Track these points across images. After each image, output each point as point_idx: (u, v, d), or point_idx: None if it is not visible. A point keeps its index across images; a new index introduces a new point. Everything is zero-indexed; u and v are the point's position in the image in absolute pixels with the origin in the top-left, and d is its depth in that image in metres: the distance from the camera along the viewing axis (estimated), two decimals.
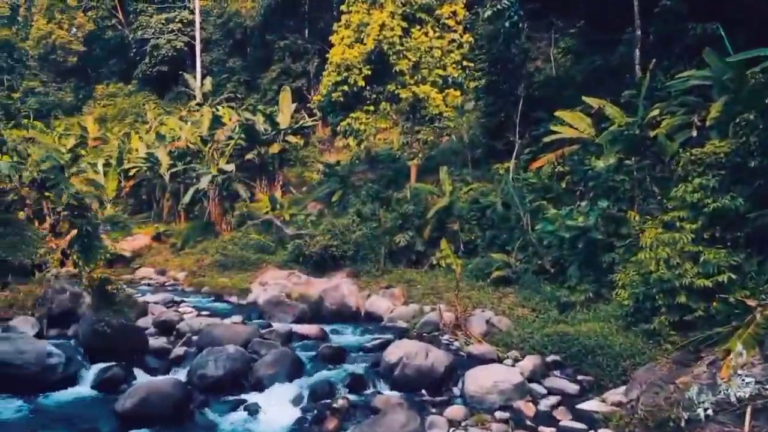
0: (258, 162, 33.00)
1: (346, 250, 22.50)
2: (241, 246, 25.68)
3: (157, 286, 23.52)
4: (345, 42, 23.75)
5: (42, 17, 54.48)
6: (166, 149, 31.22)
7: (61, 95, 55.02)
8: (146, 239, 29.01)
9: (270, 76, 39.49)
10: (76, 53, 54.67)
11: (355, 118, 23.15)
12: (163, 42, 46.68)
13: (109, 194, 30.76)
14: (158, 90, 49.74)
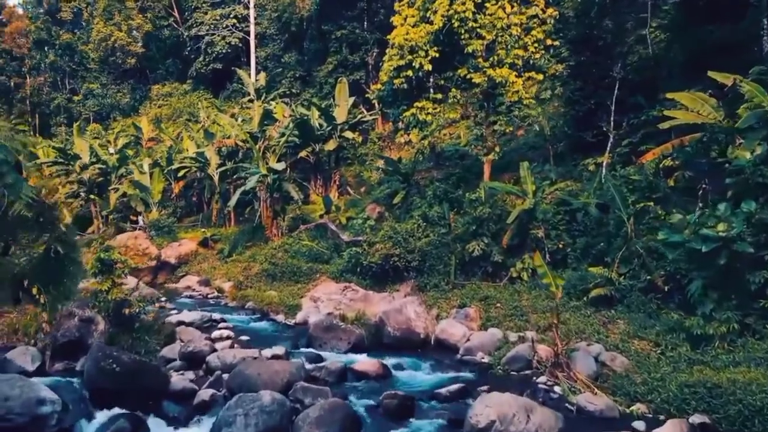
0: (312, 160, 30.42)
1: (410, 260, 19.42)
2: (292, 253, 23.03)
3: (199, 299, 21.17)
4: (408, 22, 20.71)
5: (101, 20, 54.19)
6: (214, 147, 29.07)
7: (119, 96, 54.60)
8: (193, 245, 26.86)
9: (326, 69, 36.96)
10: (135, 54, 54.07)
11: (420, 108, 20.03)
12: (218, 39, 45.13)
13: (155, 197, 28.85)
14: (213, 88, 48.32)
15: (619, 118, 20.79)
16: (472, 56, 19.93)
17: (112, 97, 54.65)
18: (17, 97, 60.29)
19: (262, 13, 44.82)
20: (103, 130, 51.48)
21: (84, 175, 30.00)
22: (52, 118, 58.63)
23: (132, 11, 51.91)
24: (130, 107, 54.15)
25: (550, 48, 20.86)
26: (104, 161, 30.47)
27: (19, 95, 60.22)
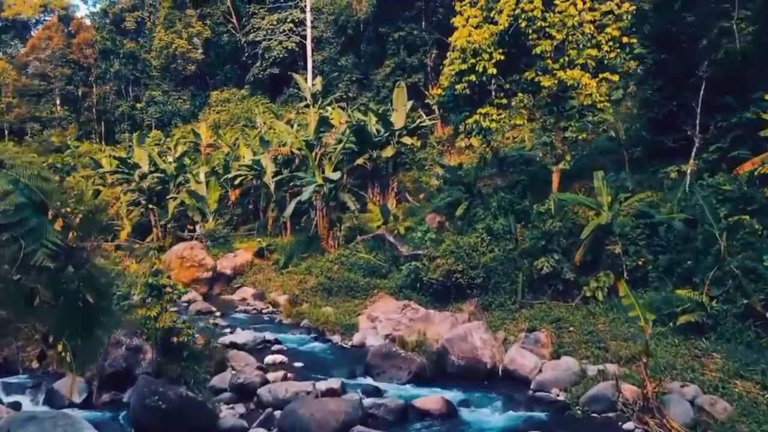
0: (369, 167, 29.64)
1: (474, 277, 18.28)
2: (348, 266, 22.29)
3: (253, 314, 20.72)
4: (471, 23, 19.55)
5: (163, 28, 55.44)
6: (270, 155, 28.74)
7: (179, 103, 55.66)
8: (248, 255, 26.56)
9: (383, 72, 36.16)
10: (195, 61, 55.01)
11: (484, 114, 18.84)
12: (275, 43, 45.18)
13: (210, 206, 28.77)
14: (270, 93, 48.48)
15: (705, 120, 18.97)
16: (540, 57, 18.58)
17: (173, 103, 55.80)
18: (84, 105, 62.56)
19: (319, 16, 44.56)
20: (164, 137, 52.64)
21: (143, 184, 30.31)
22: (117, 125, 60.50)
23: (192, 19, 52.78)
24: (189, 113, 55.12)
25: (626, 46, 19.23)
26: (163, 170, 30.72)
27: (86, 104, 62.46)
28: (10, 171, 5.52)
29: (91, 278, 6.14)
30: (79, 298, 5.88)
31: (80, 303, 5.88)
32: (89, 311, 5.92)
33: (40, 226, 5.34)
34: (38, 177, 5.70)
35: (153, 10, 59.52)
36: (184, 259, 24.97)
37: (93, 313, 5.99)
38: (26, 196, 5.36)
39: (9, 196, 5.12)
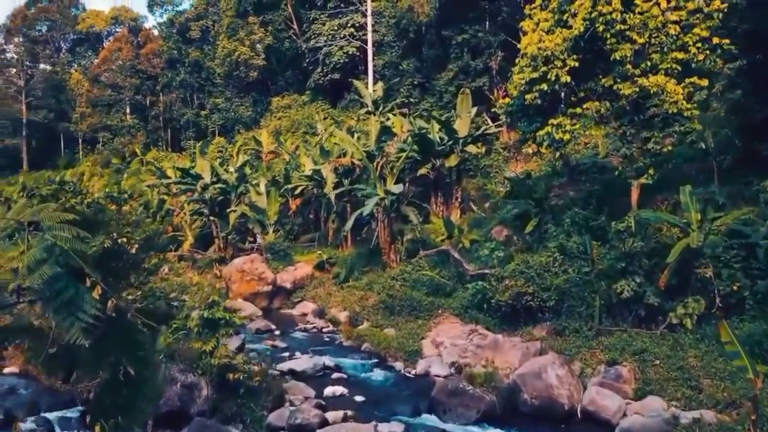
0: (432, 176, 28.85)
1: (546, 300, 17.16)
2: (411, 283, 21.54)
3: (313, 333, 20.31)
4: (542, 27, 18.41)
5: (226, 36, 56.49)
6: (330, 166, 28.40)
7: (242, 110, 56.55)
8: (308, 268, 26.27)
9: (446, 76, 35.24)
10: (257, 68, 55.73)
11: (557, 126, 17.67)
12: (335, 49, 45.03)
13: (271, 218, 28.70)
14: (331, 99, 48.45)
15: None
16: (619, 63, 17.25)
17: (235, 110, 56.79)
18: (152, 113, 64.69)
19: (380, 20, 44.03)
20: (227, 144, 53.61)
21: (205, 195, 30.63)
22: (182, 132, 62.26)
23: (254, 26, 53.45)
24: (251, 120, 55.91)
25: (716, 47, 17.59)
26: (224, 180, 30.96)
27: (154, 112, 64.55)
28: (46, 234, 5.11)
29: (133, 347, 5.67)
30: (119, 370, 5.42)
31: (121, 376, 5.41)
32: (131, 383, 5.45)
33: (76, 297, 4.89)
34: (77, 239, 5.26)
35: (217, 18, 60.76)
36: (245, 272, 24.92)
37: (135, 384, 5.51)
38: (62, 263, 4.91)
39: (42, 267, 4.68)
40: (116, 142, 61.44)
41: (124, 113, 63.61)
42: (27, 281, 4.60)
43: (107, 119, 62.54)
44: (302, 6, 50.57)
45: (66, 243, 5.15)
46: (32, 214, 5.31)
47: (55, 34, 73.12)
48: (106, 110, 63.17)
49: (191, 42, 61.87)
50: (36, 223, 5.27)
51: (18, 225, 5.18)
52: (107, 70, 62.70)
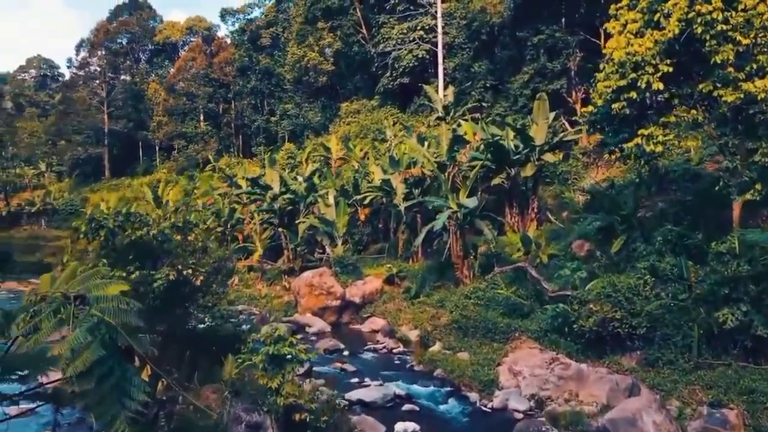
0: (507, 186, 27.74)
1: (636, 326, 15.84)
2: (485, 302, 20.60)
3: (383, 353, 19.75)
4: (630, 29, 17.07)
5: (295, 42, 57.23)
6: (400, 177, 27.82)
7: (311, 115, 57.09)
8: (378, 282, 25.80)
9: (521, 79, 34.01)
10: (326, 73, 56.16)
11: (647, 137, 16.30)
12: (405, 52, 44.54)
13: (339, 230, 28.44)
14: (400, 103, 48.03)
15: None
16: (719, 67, 15.70)
17: (304, 116, 57.44)
18: (224, 121, 66.50)
19: (450, 21, 43.17)
20: (297, 149, 54.20)
21: (275, 205, 30.78)
22: (253, 138, 63.59)
23: (323, 31, 53.78)
24: (320, 125, 56.36)
25: None
26: (294, 190, 31.01)
27: (226, 119, 66.33)
28: (93, 307, 4.74)
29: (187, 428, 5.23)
30: None
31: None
32: None
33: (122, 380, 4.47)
34: (126, 311, 4.86)
35: (287, 25, 61.65)
36: (313, 286, 24.73)
37: None
38: (108, 343, 4.49)
39: (85, 352, 4.29)
40: (190, 149, 63.52)
41: (198, 121, 65.68)
42: (69, 370, 4.24)
43: (182, 127, 64.78)
44: (371, 10, 50.41)
45: (113, 316, 4.76)
46: (79, 284, 4.96)
47: (135, 46, 76.53)
48: (181, 118, 65.47)
49: (262, 49, 63.12)
50: (83, 297, 4.93)
51: (64, 298, 4.85)
52: (182, 80, 64.94)
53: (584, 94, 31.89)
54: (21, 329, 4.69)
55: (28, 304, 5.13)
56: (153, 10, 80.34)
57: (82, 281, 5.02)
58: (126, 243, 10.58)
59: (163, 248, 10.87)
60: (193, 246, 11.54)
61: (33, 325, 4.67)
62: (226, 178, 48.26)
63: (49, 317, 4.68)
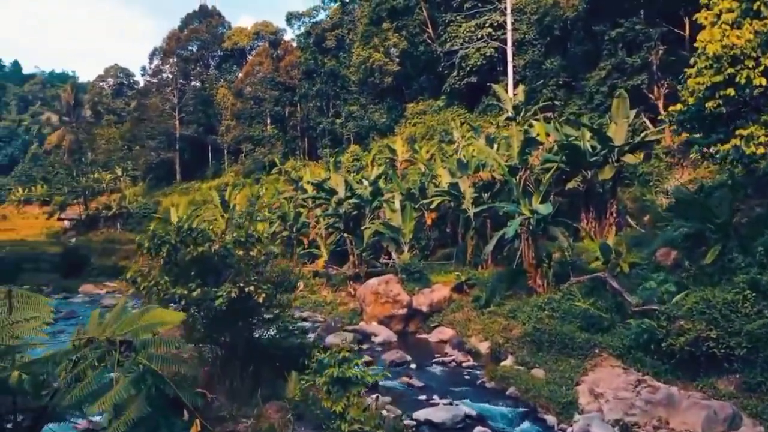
0: (583, 189, 26.42)
1: (734, 347, 14.46)
2: (561, 315, 19.51)
3: (451, 367, 19.03)
4: (724, 19, 15.65)
5: (360, 44, 57.25)
6: (469, 181, 26.98)
7: (376, 117, 56.93)
8: (446, 290, 25.07)
9: (597, 75, 32.42)
10: (391, 73, 55.88)
11: (746, 137, 14.84)
12: (472, 51, 43.58)
13: (406, 236, 27.84)
14: (467, 103, 47.10)
15: None
16: None
17: (370, 117, 57.35)
18: (290, 123, 67.40)
19: (521, 17, 41.89)
20: (362, 151, 54.16)
21: (340, 209, 30.59)
22: (319, 140, 64.10)
23: (388, 32, 53.50)
24: (386, 127, 56.12)
25: None
26: (359, 195, 30.71)
27: (291, 122, 67.21)
28: (140, 355, 4.36)
29: None
30: None
31: None
32: None
33: None
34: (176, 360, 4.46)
35: (352, 27, 61.80)
36: (379, 294, 24.30)
37: None
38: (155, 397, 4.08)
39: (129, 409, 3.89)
40: (257, 152, 64.72)
41: (265, 124, 66.84)
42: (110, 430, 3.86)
43: (249, 130, 66.13)
44: (437, 9, 49.70)
45: (161, 364, 4.36)
46: (127, 326, 4.60)
47: (205, 52, 78.84)
48: (248, 122, 66.84)
49: (327, 51, 63.55)
50: (129, 343, 4.57)
51: (109, 344, 4.49)
52: (249, 84, 66.31)
53: (668, 90, 30.03)
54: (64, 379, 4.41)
55: (72, 348, 4.85)
56: (222, 17, 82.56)
57: (130, 322, 4.67)
58: (188, 259, 10.42)
59: (226, 263, 10.66)
60: (256, 260, 11.28)
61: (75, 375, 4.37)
62: (292, 181, 48.73)
63: (92, 364, 4.36)
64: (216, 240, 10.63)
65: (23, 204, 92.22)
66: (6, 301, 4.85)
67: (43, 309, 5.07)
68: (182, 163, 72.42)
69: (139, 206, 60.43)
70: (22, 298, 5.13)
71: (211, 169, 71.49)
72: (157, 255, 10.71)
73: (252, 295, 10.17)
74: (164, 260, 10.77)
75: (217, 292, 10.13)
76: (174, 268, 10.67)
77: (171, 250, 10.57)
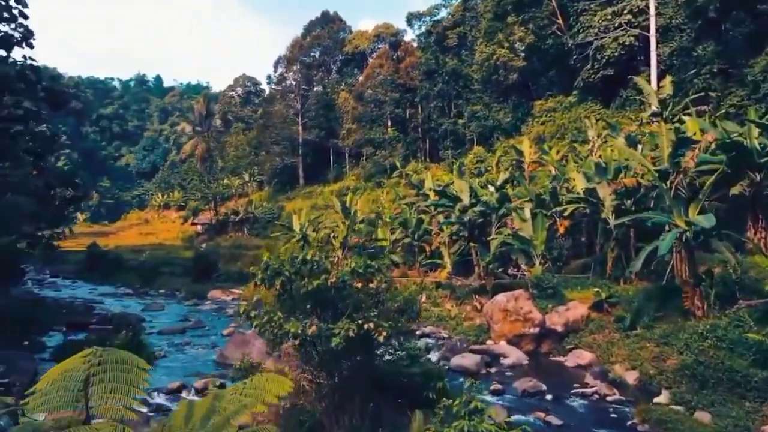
0: (749, 194, 23.02)
1: None
2: (727, 346, 16.77)
3: (593, 401, 16.93)
4: None
5: (484, 40, 55.49)
6: (610, 187, 24.46)
7: (501, 115, 54.85)
8: (583, 309, 22.79)
9: (763, 61, 28.39)
10: (516, 70, 53.60)
11: None
12: (609, 41, 40.30)
13: (537, 248, 25.76)
14: (602, 99, 43.75)
15: None
16: None
17: (494, 116, 55.42)
18: (410, 126, 66.87)
19: (665, 0, 38.06)
20: (486, 152, 52.29)
21: (464, 217, 29.13)
22: (440, 142, 62.94)
23: (514, 26, 51.30)
24: (511, 126, 53.90)
25: None
26: (485, 202, 29.06)
27: (412, 124, 66.64)
28: None
29: None
30: None
31: None
32: None
33: None
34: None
35: (474, 23, 60.14)
36: (508, 312, 22.58)
37: None
38: None
39: None
40: (378, 155, 64.81)
41: (386, 127, 66.81)
42: None
43: (370, 134, 66.42)
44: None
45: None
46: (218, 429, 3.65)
47: (326, 57, 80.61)
48: (369, 125, 67.18)
49: (448, 50, 62.37)
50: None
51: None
52: (370, 87, 66.56)
53: None
54: None
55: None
56: (343, 22, 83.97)
57: (220, 427, 3.69)
58: (303, 292, 9.63)
59: (343, 296, 9.74)
60: (376, 292, 10.27)
61: None
62: (413, 185, 47.97)
63: None
64: (332, 272, 9.71)
65: (162, 209, 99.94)
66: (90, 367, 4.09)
67: (137, 377, 4.28)
68: (305, 168, 74.36)
69: (264, 211, 62.65)
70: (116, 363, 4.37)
71: (333, 172, 72.75)
72: (271, 286, 10.01)
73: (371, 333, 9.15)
74: (279, 291, 10.07)
75: (334, 330, 9.21)
76: (288, 300, 9.94)
77: (285, 281, 9.83)
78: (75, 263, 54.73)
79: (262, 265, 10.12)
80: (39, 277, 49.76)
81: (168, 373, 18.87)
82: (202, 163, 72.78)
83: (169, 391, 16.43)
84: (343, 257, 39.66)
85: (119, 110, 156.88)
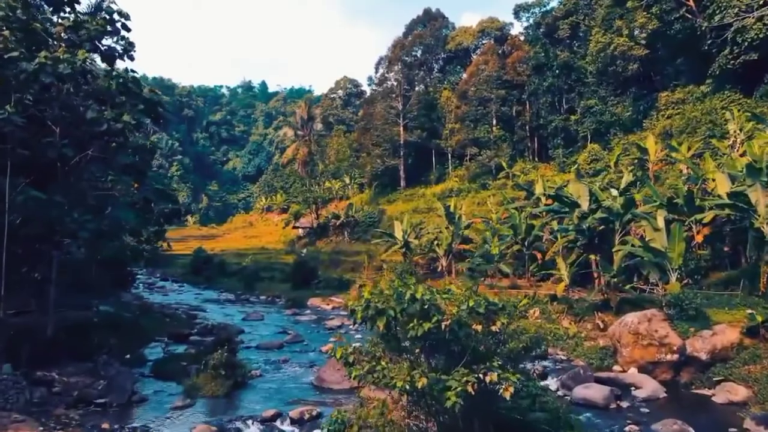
0: None
1: None
2: None
3: None
4: None
5: (600, 30, 51.68)
6: (765, 191, 20.91)
7: (619, 110, 50.81)
8: (733, 334, 19.46)
9: None
10: (637, 59, 49.40)
11: None
12: (752, 20, 35.67)
13: (674, 261, 22.50)
14: (743, 87, 38.92)
15: None
16: None
17: (611, 111, 51.50)
18: (518, 124, 63.75)
19: None
20: (602, 150, 48.50)
21: (583, 225, 26.31)
22: (549, 140, 59.48)
23: (635, 12, 47.24)
24: (631, 121, 49.79)
25: None
26: (607, 208, 26.07)
27: (519, 122, 63.50)
28: None
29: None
30: None
31: None
32: None
33: None
34: None
35: (588, 12, 56.33)
36: (640, 335, 19.73)
37: None
38: None
39: None
40: (483, 155, 62.28)
41: (491, 126, 64.09)
42: None
43: (474, 133, 63.96)
44: None
45: None
46: None
47: (428, 56, 78.95)
48: (473, 124, 64.75)
49: (559, 42, 58.92)
50: None
51: None
52: (474, 84, 64.11)
53: None
54: None
55: None
56: (445, 19, 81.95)
57: None
58: (411, 336, 7.96)
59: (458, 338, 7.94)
60: (500, 337, 8.38)
61: None
62: (520, 187, 45.19)
63: None
64: (448, 313, 7.90)
65: (265, 212, 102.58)
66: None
67: None
68: (406, 169, 73.06)
69: (365, 215, 61.89)
70: None
71: (435, 174, 70.96)
72: (373, 326, 8.38)
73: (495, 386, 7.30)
74: (381, 334, 8.44)
75: (448, 381, 7.41)
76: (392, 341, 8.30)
77: (391, 320, 8.16)
78: (183, 266, 56.67)
79: (362, 302, 8.49)
80: (150, 281, 51.80)
81: (263, 397, 17.87)
82: (303, 167, 73.40)
83: (263, 419, 15.31)
84: (447, 264, 37.86)
85: (227, 116, 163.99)
